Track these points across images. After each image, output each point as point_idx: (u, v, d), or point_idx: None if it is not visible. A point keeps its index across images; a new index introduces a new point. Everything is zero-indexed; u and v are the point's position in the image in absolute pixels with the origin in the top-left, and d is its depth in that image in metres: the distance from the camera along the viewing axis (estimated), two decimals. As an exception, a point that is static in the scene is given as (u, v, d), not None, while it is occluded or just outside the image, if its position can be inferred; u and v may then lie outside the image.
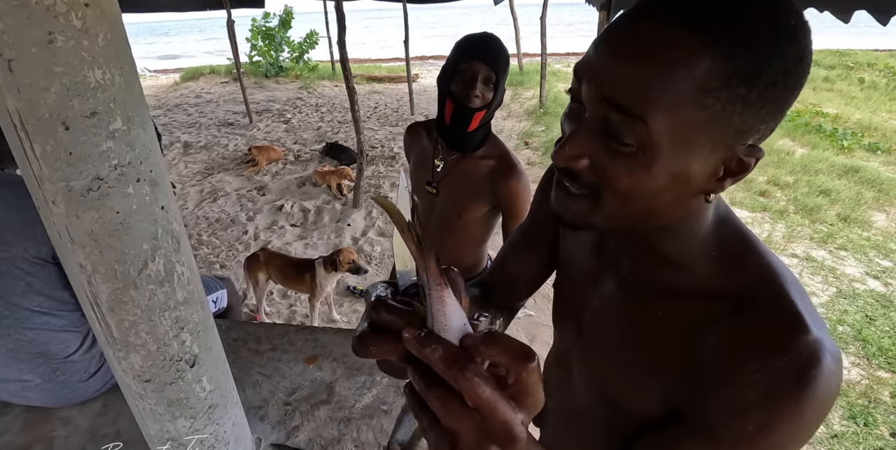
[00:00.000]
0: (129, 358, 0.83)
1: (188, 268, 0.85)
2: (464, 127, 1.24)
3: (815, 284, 3.08)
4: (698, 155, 0.44)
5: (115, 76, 0.68)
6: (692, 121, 0.42)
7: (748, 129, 0.43)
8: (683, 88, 0.40)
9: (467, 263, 1.48)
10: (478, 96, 1.20)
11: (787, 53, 0.40)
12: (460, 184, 1.33)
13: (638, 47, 0.42)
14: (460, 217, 1.37)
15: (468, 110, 1.21)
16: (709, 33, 0.40)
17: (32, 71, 0.62)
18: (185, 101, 9.00)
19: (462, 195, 1.34)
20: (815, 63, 10.09)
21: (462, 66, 1.20)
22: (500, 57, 1.20)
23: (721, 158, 0.45)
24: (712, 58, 0.40)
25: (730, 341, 0.48)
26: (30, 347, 1.19)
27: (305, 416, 1.24)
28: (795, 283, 0.49)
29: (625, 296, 0.61)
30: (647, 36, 0.42)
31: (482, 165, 1.30)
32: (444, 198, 1.37)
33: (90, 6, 0.64)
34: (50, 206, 0.70)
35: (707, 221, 0.52)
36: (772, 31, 0.40)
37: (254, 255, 2.88)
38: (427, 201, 1.41)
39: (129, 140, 0.71)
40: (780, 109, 0.43)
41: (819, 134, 5.93)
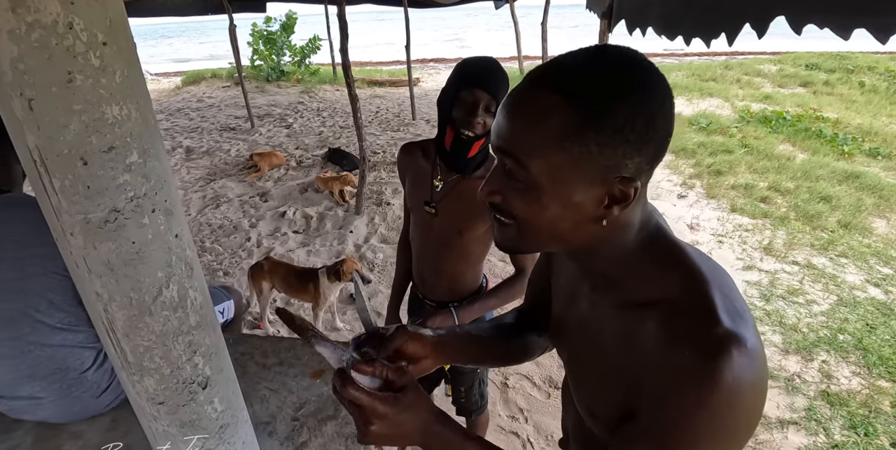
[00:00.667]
0: (143, 382, 0.85)
1: (201, 293, 0.87)
2: (464, 153, 1.26)
3: (816, 292, 3.10)
4: (577, 188, 0.53)
5: (131, 111, 0.70)
6: (560, 162, 0.52)
7: (615, 165, 0.52)
8: (547, 137, 0.52)
9: (467, 280, 1.49)
10: (479, 124, 1.22)
11: (627, 101, 0.50)
12: (460, 204, 1.34)
13: (515, 107, 0.55)
14: (461, 235, 1.38)
15: (469, 138, 1.23)
16: (563, 91, 0.51)
17: (52, 109, 0.64)
18: (187, 106, 9.03)
19: (462, 214, 1.35)
20: (816, 66, 10.12)
21: (463, 94, 1.21)
22: (501, 84, 1.21)
23: (601, 189, 0.53)
24: (565, 110, 0.51)
25: (655, 340, 0.55)
26: (48, 363, 1.21)
27: (313, 431, 1.26)
28: (722, 281, 0.55)
29: (591, 313, 0.67)
30: (521, 98, 0.54)
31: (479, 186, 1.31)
32: (443, 217, 1.38)
33: (108, 45, 0.66)
34: (68, 237, 0.72)
35: (629, 239, 0.59)
36: (612, 82, 0.50)
37: (258, 263, 2.90)
38: (426, 221, 1.42)
39: (145, 172, 0.73)
40: (642, 149, 0.52)
41: (819, 139, 5.94)
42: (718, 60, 12.06)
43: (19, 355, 1.18)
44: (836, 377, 2.44)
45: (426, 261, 1.49)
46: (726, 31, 2.33)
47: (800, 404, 2.29)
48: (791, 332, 2.74)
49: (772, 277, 3.25)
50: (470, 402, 1.69)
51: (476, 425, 1.85)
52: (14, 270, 1.15)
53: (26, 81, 0.62)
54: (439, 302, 1.51)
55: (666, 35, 2.89)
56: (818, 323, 2.81)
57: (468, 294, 1.50)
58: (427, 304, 1.55)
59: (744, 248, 3.64)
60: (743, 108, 7.34)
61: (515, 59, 10.22)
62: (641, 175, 0.54)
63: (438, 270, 1.48)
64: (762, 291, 3.10)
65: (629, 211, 0.56)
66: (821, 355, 2.57)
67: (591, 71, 0.51)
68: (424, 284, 1.53)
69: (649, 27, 3.15)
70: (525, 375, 2.53)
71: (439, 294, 1.51)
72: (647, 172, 0.55)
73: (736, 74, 9.85)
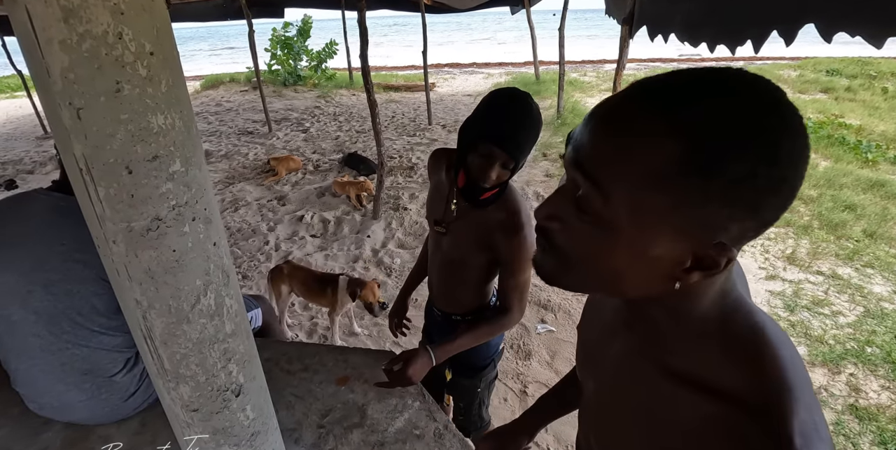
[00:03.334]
0: (178, 389, 0.85)
1: (236, 300, 0.87)
2: (476, 195, 1.23)
3: (842, 303, 3.03)
4: (660, 240, 0.44)
5: (175, 120, 0.70)
6: (651, 203, 0.43)
7: (714, 225, 0.42)
8: (646, 170, 0.42)
9: (471, 298, 1.47)
10: (491, 178, 1.16)
11: (753, 152, 0.40)
12: (467, 232, 1.31)
13: (612, 122, 0.44)
14: (463, 262, 1.36)
15: (480, 187, 1.19)
16: (676, 122, 0.41)
17: (100, 118, 0.64)
18: (206, 110, 9.15)
19: (467, 243, 1.32)
20: (837, 72, 9.97)
21: (481, 147, 1.13)
22: (524, 144, 1.12)
23: (687, 248, 0.44)
24: (674, 146, 0.41)
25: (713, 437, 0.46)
26: (81, 363, 1.23)
27: (339, 439, 1.25)
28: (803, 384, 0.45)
29: (628, 361, 0.59)
30: (621, 112, 0.44)
31: (491, 219, 1.26)
32: (450, 240, 1.36)
33: (154, 55, 0.67)
34: (110, 245, 0.72)
35: (705, 305, 0.50)
36: (739, 127, 0.40)
37: (277, 267, 2.91)
38: (437, 237, 1.41)
39: (187, 181, 0.73)
40: (755, 213, 0.42)
41: (842, 146, 5.84)
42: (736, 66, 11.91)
43: (56, 352, 1.21)
44: (865, 391, 2.38)
45: (433, 274, 1.49)
46: (752, 38, 2.30)
47: (827, 418, 2.23)
48: (817, 344, 2.68)
49: (796, 288, 3.18)
50: (469, 421, 1.65)
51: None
52: (62, 272, 1.18)
53: (76, 91, 0.62)
54: (443, 312, 1.51)
55: (689, 41, 2.87)
56: (845, 335, 2.75)
57: (470, 310, 1.47)
58: (435, 310, 1.55)
59: (766, 257, 3.58)
60: (763, 115, 7.23)
61: (531, 63, 10.21)
62: (741, 242, 0.44)
63: (443, 284, 1.47)
64: (786, 302, 3.04)
65: (712, 279, 0.47)
66: (848, 368, 2.51)
67: (715, 104, 0.41)
68: (432, 293, 1.54)
69: (672, 33, 3.13)
70: (544, 383, 2.50)
71: (443, 305, 1.51)
72: (749, 240, 0.45)
73: (755, 80, 9.74)
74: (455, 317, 1.49)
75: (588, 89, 9.54)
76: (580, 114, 7.35)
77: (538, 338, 2.83)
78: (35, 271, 1.18)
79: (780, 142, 0.40)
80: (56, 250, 1.18)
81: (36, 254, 1.18)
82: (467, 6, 7.68)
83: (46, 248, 1.18)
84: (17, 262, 1.19)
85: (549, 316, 3.04)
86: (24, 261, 1.18)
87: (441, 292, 1.50)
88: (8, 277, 1.19)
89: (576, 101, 8.21)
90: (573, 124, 6.87)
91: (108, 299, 1.19)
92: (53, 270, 1.18)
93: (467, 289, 1.44)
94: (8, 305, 1.20)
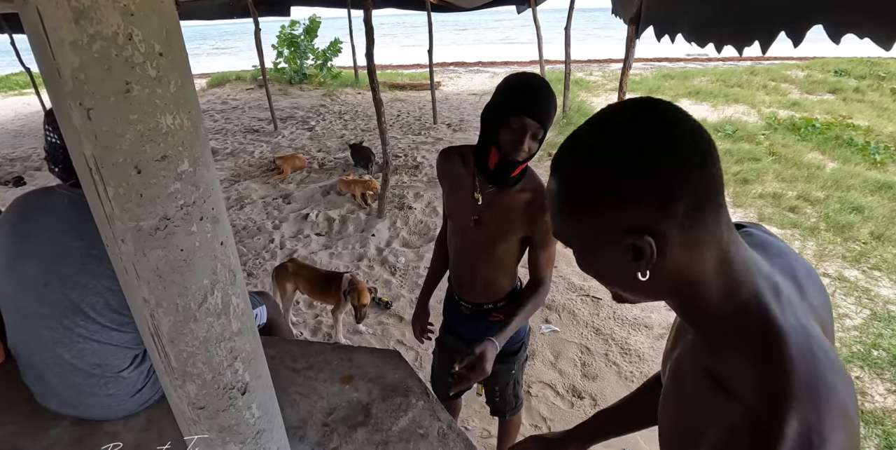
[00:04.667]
0: (185, 386, 0.86)
1: (242, 299, 0.88)
2: (507, 173, 1.27)
3: (849, 306, 3.01)
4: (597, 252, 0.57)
5: (183, 121, 0.71)
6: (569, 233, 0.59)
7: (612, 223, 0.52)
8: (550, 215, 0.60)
9: (502, 285, 1.50)
10: (524, 151, 1.22)
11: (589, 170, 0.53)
12: (498, 217, 1.35)
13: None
14: (494, 246, 1.39)
15: (514, 162, 1.24)
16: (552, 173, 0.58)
17: (110, 119, 0.65)
18: (212, 108, 9.18)
19: (499, 227, 1.36)
20: (845, 72, 9.89)
21: (512, 120, 1.20)
22: (551, 111, 1.20)
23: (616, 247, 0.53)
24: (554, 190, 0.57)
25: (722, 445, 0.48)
26: (90, 357, 1.24)
27: (343, 438, 1.26)
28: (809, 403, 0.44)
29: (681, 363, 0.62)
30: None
31: (519, 199, 1.33)
32: (482, 229, 1.39)
33: (164, 56, 0.67)
34: (119, 244, 0.73)
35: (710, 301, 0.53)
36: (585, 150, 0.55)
37: (282, 265, 2.92)
38: (464, 229, 1.43)
39: (195, 180, 0.74)
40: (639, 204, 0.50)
41: (850, 147, 5.80)
42: (743, 66, 11.86)
43: (67, 345, 1.23)
44: (871, 395, 2.37)
45: (462, 266, 1.51)
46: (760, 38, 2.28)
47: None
48: (823, 346, 2.67)
49: (802, 289, 3.16)
50: (505, 402, 1.69)
51: (509, 425, 1.84)
52: (79, 267, 1.20)
53: (86, 91, 0.63)
54: (474, 304, 1.53)
55: (696, 42, 2.85)
56: (851, 338, 2.73)
57: (503, 297, 1.50)
58: (462, 305, 1.56)
59: (772, 258, 3.56)
60: (770, 115, 7.20)
61: (537, 62, 10.19)
62: (661, 226, 0.50)
63: (474, 275, 1.49)
64: (792, 303, 3.02)
65: (676, 264, 0.52)
66: (854, 371, 2.50)
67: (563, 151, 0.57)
68: (461, 287, 1.55)
69: (679, 33, 3.11)
70: (548, 383, 2.50)
71: (476, 297, 1.53)
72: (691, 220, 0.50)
73: (762, 80, 9.69)
74: (487, 306, 1.51)
75: (594, 89, 9.51)
76: (585, 114, 7.33)
77: (542, 338, 2.83)
78: (53, 265, 1.21)
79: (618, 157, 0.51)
80: (75, 246, 1.20)
81: (56, 248, 1.21)
82: (473, 5, 7.67)
83: (66, 243, 1.20)
84: (38, 254, 1.21)
85: (553, 316, 3.03)
86: (44, 254, 1.21)
87: (473, 285, 1.51)
88: (28, 268, 1.22)
89: (581, 100, 8.19)
90: (578, 124, 6.83)
91: (121, 296, 1.21)
92: (71, 264, 1.20)
93: (500, 273, 1.47)
94: (24, 297, 1.23)
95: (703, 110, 7.75)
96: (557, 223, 0.59)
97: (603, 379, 2.52)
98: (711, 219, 0.50)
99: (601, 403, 2.37)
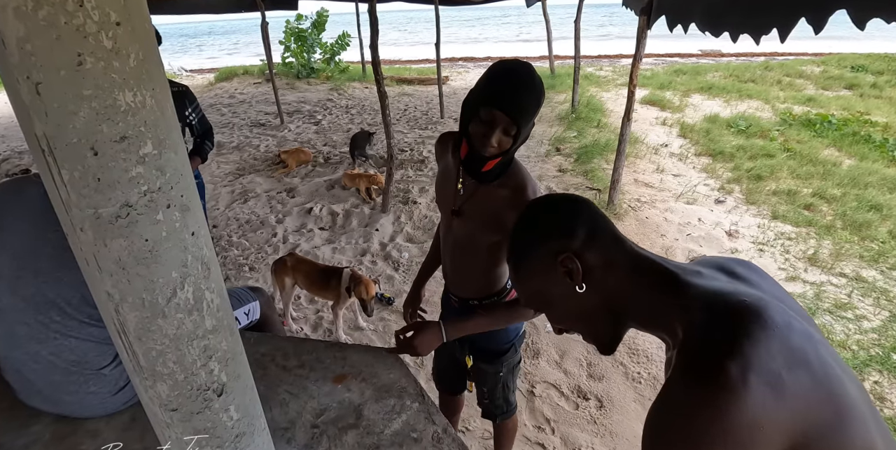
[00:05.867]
0: (155, 387, 0.80)
1: (218, 294, 0.81)
2: (478, 167, 1.18)
3: (866, 307, 2.91)
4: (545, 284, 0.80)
5: (146, 98, 0.65)
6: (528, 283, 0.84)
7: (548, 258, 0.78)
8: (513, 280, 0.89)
9: (486, 282, 1.42)
10: (493, 147, 1.12)
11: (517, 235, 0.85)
12: (476, 211, 1.28)
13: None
14: (475, 244, 1.33)
15: (482, 156, 1.15)
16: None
17: (61, 94, 0.58)
18: (219, 102, 9.17)
19: (477, 222, 1.29)
20: (862, 68, 9.67)
21: (482, 112, 1.10)
22: (527, 106, 1.09)
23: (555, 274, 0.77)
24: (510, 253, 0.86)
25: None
26: (69, 354, 1.20)
27: (333, 440, 1.20)
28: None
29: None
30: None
31: (497, 196, 1.23)
32: (460, 223, 1.32)
33: (121, 25, 0.61)
34: (78, 232, 0.67)
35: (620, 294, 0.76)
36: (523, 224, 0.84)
37: (281, 259, 2.87)
38: (448, 220, 1.38)
39: (160, 165, 0.68)
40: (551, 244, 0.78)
41: (868, 144, 5.64)
42: (757, 61, 11.63)
43: (44, 341, 1.18)
44: (890, 400, 2.27)
45: (447, 258, 1.46)
46: (779, 26, 2.19)
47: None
48: (839, 349, 2.57)
49: (817, 290, 3.06)
50: (494, 405, 1.62)
51: (502, 431, 1.78)
52: (53, 259, 1.15)
53: (33, 64, 0.56)
54: (461, 298, 1.48)
55: (710, 31, 2.76)
56: (869, 340, 2.63)
57: (491, 294, 1.43)
58: (451, 298, 1.52)
59: (786, 257, 3.46)
60: (784, 111, 7.04)
61: (546, 58, 10.06)
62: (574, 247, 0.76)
63: (457, 268, 1.44)
64: (807, 304, 2.92)
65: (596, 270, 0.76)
66: (872, 375, 2.40)
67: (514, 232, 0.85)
68: (448, 280, 1.51)
69: (692, 23, 3.01)
70: (553, 383, 2.44)
71: (460, 290, 1.48)
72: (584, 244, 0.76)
73: (776, 76, 9.49)
74: (472, 302, 1.45)
75: (604, 84, 9.37)
76: (595, 108, 7.22)
77: (547, 337, 2.76)
78: (26, 257, 1.16)
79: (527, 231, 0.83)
80: (49, 237, 1.14)
81: (29, 240, 1.15)
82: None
83: (40, 234, 1.15)
84: (11, 246, 1.16)
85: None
86: (18, 245, 1.16)
87: (456, 278, 1.47)
88: (1, 260, 1.17)
89: (591, 95, 8.07)
90: (588, 119, 6.75)
91: None
92: (45, 256, 1.15)
93: (481, 272, 1.40)
94: None
95: (716, 106, 7.60)
96: (519, 287, 0.85)
97: (609, 380, 2.44)
98: (602, 238, 0.77)
99: (607, 404, 2.30)
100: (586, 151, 5.49)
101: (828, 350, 0.65)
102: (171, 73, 12.99)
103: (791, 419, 0.56)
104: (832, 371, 0.61)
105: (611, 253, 0.76)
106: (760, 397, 0.54)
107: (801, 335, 0.61)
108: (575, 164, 5.29)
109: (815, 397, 0.58)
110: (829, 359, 0.62)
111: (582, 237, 0.75)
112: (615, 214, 4.05)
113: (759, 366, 0.56)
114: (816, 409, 0.58)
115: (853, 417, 0.60)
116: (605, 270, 0.75)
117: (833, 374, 0.61)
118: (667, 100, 7.82)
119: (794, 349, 0.59)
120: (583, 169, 5.12)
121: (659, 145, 5.83)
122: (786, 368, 0.57)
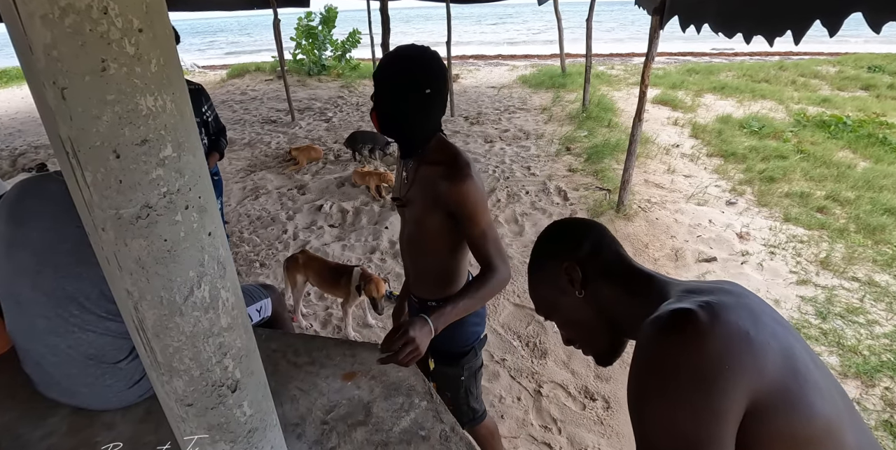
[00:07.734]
0: (172, 382, 0.82)
1: (233, 293, 0.83)
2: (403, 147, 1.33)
3: (879, 312, 2.88)
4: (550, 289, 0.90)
5: (166, 103, 0.66)
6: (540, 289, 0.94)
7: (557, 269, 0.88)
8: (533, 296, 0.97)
9: (441, 279, 1.41)
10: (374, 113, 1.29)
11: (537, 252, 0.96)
12: (418, 193, 1.31)
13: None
14: (421, 228, 1.34)
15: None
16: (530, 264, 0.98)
17: (85, 99, 0.60)
18: (231, 98, 9.24)
19: (420, 205, 1.31)
20: (879, 69, 9.53)
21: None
22: (388, 76, 1.22)
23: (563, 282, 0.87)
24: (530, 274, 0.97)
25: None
26: (86, 347, 1.22)
27: (342, 437, 1.22)
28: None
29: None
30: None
31: (434, 172, 1.26)
32: (410, 211, 1.35)
33: (143, 32, 0.62)
34: (99, 232, 0.69)
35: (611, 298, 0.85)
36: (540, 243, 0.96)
37: (293, 256, 2.90)
38: (402, 216, 1.43)
39: (179, 167, 0.70)
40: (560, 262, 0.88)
41: (883, 146, 5.56)
42: (771, 61, 11.50)
43: (62, 334, 1.21)
44: (900, 405, 2.25)
45: (406, 257, 1.49)
46: (793, 28, 2.17)
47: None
48: (850, 354, 2.55)
49: (829, 294, 3.04)
50: (459, 412, 1.57)
51: (476, 437, 1.67)
52: (73, 255, 1.18)
53: (59, 69, 0.58)
54: (420, 299, 1.50)
55: (724, 32, 2.74)
56: (881, 346, 2.61)
57: (450, 293, 1.38)
58: (412, 298, 1.54)
59: (798, 260, 3.43)
60: (798, 112, 6.96)
61: (557, 56, 10.02)
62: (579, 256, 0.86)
63: (413, 264, 1.46)
64: (818, 309, 2.90)
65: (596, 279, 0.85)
66: (884, 381, 2.38)
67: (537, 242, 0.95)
68: (409, 280, 1.54)
69: (705, 24, 2.99)
70: (560, 384, 2.44)
71: (418, 289, 1.49)
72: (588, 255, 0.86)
73: (791, 76, 9.38)
74: (431, 303, 1.46)
75: (615, 83, 9.31)
76: (606, 107, 7.17)
77: (555, 337, 2.76)
78: (47, 252, 1.18)
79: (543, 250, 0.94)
80: (70, 233, 1.17)
81: (50, 235, 1.18)
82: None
83: (61, 230, 1.18)
84: (32, 241, 1.19)
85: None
86: (39, 241, 1.19)
87: (414, 276, 1.49)
88: (21, 255, 1.20)
89: (602, 94, 8.02)
90: (598, 118, 6.71)
91: None
92: (65, 252, 1.18)
93: (435, 265, 1.40)
94: (18, 285, 1.21)
95: (729, 106, 7.53)
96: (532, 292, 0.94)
97: (617, 381, 2.44)
98: (605, 254, 0.87)
99: (614, 405, 2.30)
100: (597, 150, 5.47)
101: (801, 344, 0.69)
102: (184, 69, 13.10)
103: (755, 370, 0.61)
104: (799, 354, 0.66)
105: (611, 266, 0.85)
106: (726, 340, 0.61)
107: (771, 319, 0.68)
108: (585, 163, 5.27)
109: (779, 363, 0.62)
110: (797, 346, 0.67)
111: (587, 250, 0.86)
112: (625, 214, 4.04)
113: (727, 317, 0.63)
114: (778, 373, 0.62)
115: (820, 396, 0.63)
116: (603, 281, 0.84)
117: (799, 356, 0.65)
118: (679, 99, 7.76)
119: (764, 323, 0.66)
120: (593, 169, 5.10)
121: (670, 146, 5.79)
122: (753, 328, 0.63)
